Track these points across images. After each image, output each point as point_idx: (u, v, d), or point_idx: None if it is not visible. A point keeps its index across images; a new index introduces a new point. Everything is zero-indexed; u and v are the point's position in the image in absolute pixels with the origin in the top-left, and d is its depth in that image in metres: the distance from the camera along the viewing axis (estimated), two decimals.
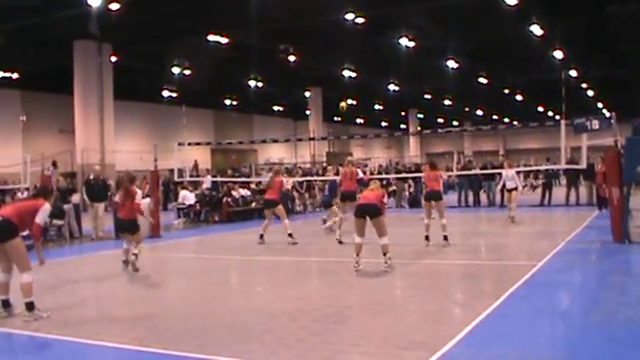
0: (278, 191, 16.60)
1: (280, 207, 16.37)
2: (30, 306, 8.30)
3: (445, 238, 14.30)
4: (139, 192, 12.78)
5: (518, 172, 22.00)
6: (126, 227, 12.42)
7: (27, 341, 7.62)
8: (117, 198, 13.01)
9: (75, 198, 19.72)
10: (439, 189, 14.85)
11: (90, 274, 12.57)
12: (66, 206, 18.93)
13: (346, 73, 36.95)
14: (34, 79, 33.56)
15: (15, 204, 9.79)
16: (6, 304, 8.61)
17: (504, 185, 20.10)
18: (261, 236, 16.13)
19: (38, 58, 29.42)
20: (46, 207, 8.77)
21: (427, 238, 14.46)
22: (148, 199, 19.94)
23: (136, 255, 12.16)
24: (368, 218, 11.24)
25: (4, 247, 8.33)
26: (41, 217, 8.64)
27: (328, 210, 18.92)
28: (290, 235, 15.82)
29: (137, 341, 7.28)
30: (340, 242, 15.36)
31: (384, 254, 11.36)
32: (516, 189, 19.55)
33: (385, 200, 12.09)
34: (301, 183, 27.27)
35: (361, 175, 15.62)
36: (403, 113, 61.29)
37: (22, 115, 34.91)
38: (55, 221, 18.43)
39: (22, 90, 36.59)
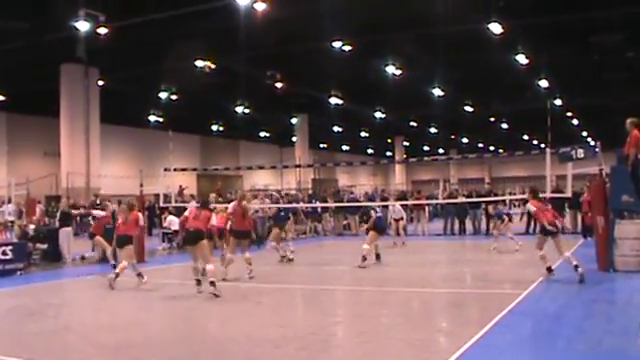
0: (133, 226, 13.63)
1: (130, 247, 13.53)
2: (212, 283, 11.84)
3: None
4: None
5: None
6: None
7: None
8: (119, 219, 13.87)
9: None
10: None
11: (74, 299, 12.43)
12: (67, 229, 18.74)
13: (333, 100, 37.08)
14: (20, 101, 33.45)
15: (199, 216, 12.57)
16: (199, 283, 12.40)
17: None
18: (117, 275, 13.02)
19: (24, 80, 29.36)
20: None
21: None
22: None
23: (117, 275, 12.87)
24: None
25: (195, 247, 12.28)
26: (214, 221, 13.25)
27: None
28: (139, 275, 13.52)
29: None
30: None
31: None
32: (402, 219, 22.83)
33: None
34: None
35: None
36: (389, 140, 61.49)
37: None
38: (39, 245, 18.23)
39: (7, 112, 36.44)
